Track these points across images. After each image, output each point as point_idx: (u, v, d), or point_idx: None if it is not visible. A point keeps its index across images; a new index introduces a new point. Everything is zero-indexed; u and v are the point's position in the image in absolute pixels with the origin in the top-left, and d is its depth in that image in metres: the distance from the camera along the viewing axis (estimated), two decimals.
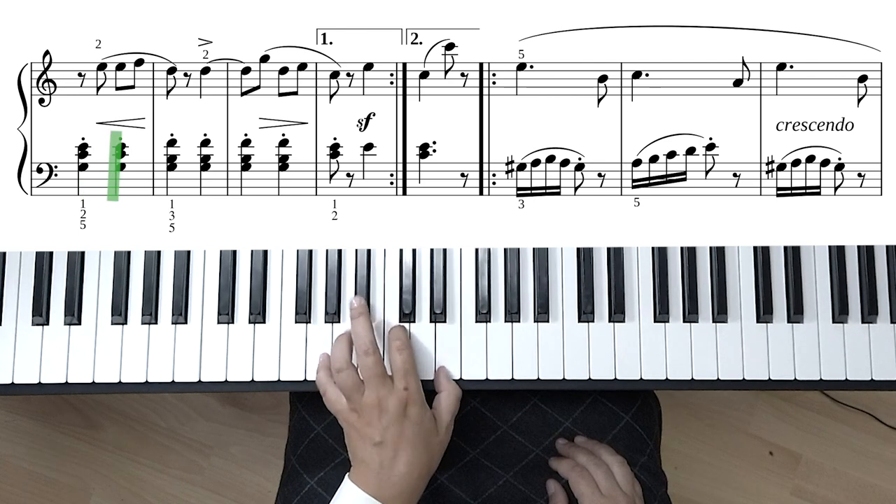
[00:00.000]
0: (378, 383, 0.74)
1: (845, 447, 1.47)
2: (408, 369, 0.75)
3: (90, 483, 1.45)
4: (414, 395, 0.74)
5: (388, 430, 0.73)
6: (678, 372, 0.80)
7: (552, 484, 0.84)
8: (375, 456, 0.73)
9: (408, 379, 0.74)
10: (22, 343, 0.79)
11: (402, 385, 0.74)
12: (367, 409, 0.73)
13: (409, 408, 0.74)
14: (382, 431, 0.73)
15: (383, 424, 0.73)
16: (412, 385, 0.74)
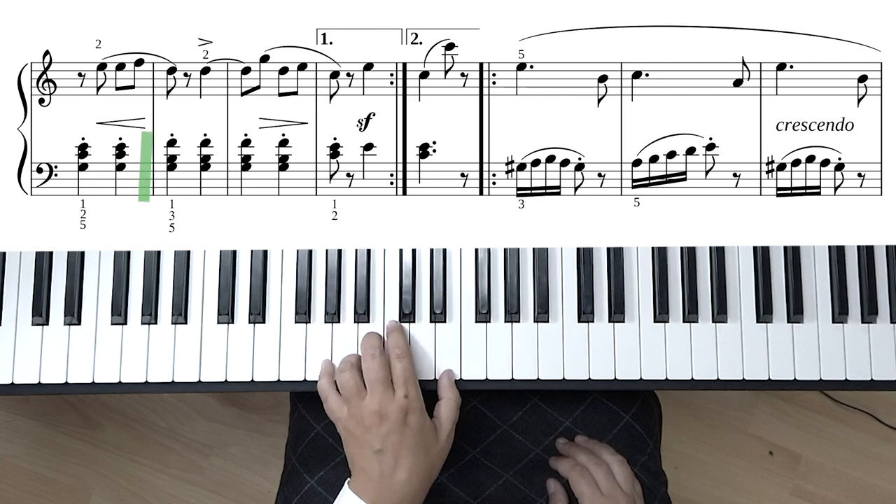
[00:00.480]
0: (381, 388, 0.74)
1: (845, 447, 1.47)
2: (407, 377, 0.75)
3: (90, 483, 1.45)
4: (414, 402, 0.74)
5: (389, 437, 0.72)
6: (678, 372, 0.80)
7: (552, 483, 0.84)
8: (376, 464, 0.72)
9: (408, 387, 0.74)
10: (22, 343, 0.79)
11: (403, 393, 0.74)
12: (367, 416, 0.73)
13: (409, 416, 0.73)
14: (383, 439, 0.72)
15: (383, 432, 0.73)
16: (412, 393, 0.74)
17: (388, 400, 0.73)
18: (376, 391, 0.74)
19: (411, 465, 0.73)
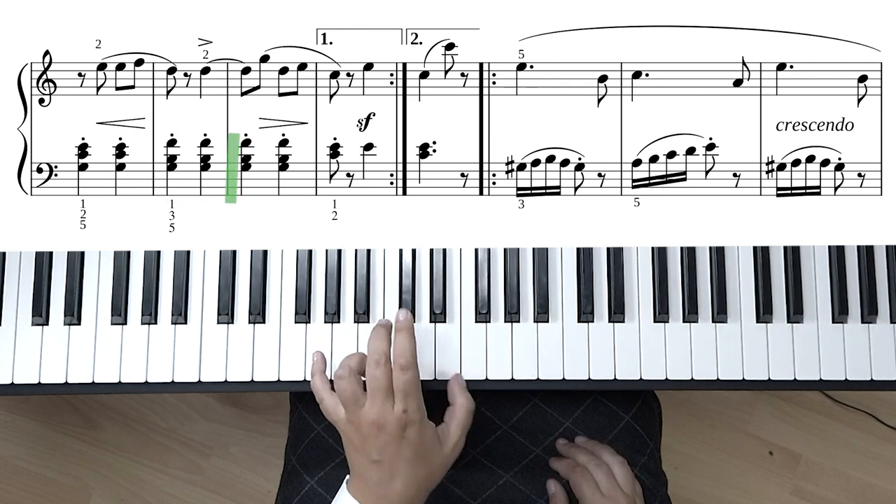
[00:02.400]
0: (381, 398, 0.71)
1: (845, 447, 1.47)
2: (409, 391, 0.71)
3: (90, 483, 1.45)
4: (413, 416, 0.71)
5: (386, 449, 0.71)
6: (678, 372, 0.80)
7: (552, 484, 0.84)
8: (373, 473, 0.71)
9: (408, 401, 0.71)
10: (22, 343, 0.79)
11: (402, 407, 0.71)
12: (364, 425, 0.71)
13: (407, 429, 0.71)
14: (380, 450, 0.71)
15: (381, 443, 0.71)
16: (412, 407, 0.71)
17: (387, 411, 0.71)
18: (376, 400, 0.71)
19: (408, 477, 0.71)
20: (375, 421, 0.71)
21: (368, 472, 0.72)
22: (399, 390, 0.71)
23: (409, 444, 0.71)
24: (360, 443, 0.72)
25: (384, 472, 0.71)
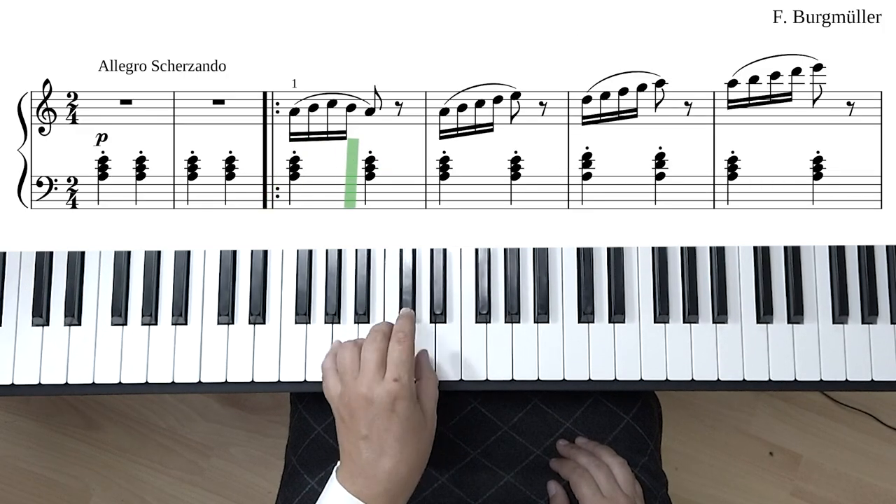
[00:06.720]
0: (373, 369, 0.71)
1: (845, 447, 1.47)
2: (402, 361, 0.71)
3: (90, 484, 1.45)
4: (404, 389, 0.71)
5: (374, 423, 0.70)
6: (678, 372, 0.80)
7: (553, 485, 0.84)
8: (362, 451, 0.71)
9: (400, 371, 0.71)
10: (22, 344, 0.79)
11: (393, 376, 0.71)
12: (354, 398, 0.71)
13: (397, 402, 0.70)
14: (368, 424, 0.70)
15: (370, 417, 0.70)
16: (404, 378, 0.71)
17: (377, 383, 0.71)
18: (367, 372, 0.71)
19: (397, 454, 0.70)
20: (365, 394, 0.70)
21: (357, 450, 0.71)
22: (392, 361, 0.72)
23: (398, 419, 0.70)
24: (349, 418, 0.71)
25: (373, 448, 0.70)
